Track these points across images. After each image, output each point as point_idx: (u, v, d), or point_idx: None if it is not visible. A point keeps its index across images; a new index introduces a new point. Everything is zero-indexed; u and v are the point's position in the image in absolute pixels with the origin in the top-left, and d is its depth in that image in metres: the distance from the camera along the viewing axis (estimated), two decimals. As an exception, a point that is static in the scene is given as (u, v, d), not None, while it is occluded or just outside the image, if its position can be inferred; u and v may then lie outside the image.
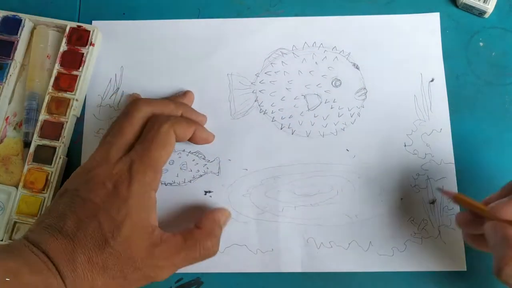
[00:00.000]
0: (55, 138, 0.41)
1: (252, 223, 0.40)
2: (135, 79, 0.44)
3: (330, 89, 0.43)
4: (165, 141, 0.35)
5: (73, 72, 0.42)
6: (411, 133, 0.42)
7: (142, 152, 0.35)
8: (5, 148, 0.42)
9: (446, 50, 0.44)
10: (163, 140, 0.35)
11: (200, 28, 0.45)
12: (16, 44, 0.43)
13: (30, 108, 0.42)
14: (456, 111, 0.42)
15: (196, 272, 0.40)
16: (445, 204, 0.40)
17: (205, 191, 0.41)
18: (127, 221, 0.32)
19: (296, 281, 0.39)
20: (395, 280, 0.39)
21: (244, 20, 0.45)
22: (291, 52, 0.44)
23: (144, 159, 0.34)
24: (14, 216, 0.40)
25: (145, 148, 0.35)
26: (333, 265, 0.39)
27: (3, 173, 0.41)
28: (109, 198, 0.33)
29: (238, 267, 0.40)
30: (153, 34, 0.45)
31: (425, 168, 0.41)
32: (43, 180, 0.40)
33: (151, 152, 0.35)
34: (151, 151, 0.35)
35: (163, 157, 0.35)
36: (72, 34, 0.43)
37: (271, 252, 0.40)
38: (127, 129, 0.36)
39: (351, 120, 0.42)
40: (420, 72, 0.43)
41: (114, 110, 0.43)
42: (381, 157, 0.41)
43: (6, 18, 0.43)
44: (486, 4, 0.43)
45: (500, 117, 0.42)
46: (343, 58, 0.44)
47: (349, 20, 0.45)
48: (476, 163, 0.41)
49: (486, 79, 0.43)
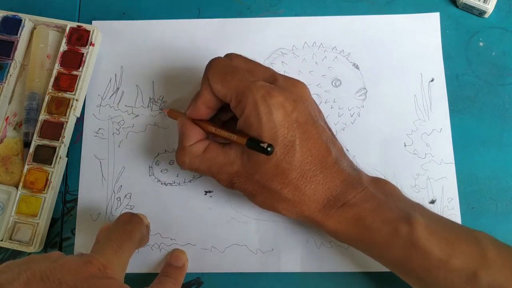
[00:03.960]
0: (55, 138, 0.41)
1: (252, 223, 0.40)
2: (135, 79, 0.44)
3: (330, 89, 0.43)
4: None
5: (73, 72, 0.42)
6: (411, 133, 0.42)
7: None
8: (5, 148, 0.42)
9: (446, 50, 0.44)
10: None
11: (200, 28, 0.45)
12: (16, 44, 0.43)
13: (30, 108, 0.42)
14: (456, 111, 0.42)
15: (196, 272, 0.40)
16: (445, 204, 0.40)
17: (205, 191, 0.41)
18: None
19: (296, 281, 0.39)
20: (395, 280, 0.39)
21: (244, 20, 0.45)
22: (291, 52, 0.44)
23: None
24: (14, 216, 0.40)
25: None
26: (333, 265, 0.39)
27: (3, 173, 0.41)
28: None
29: (238, 267, 0.40)
30: (153, 34, 0.45)
31: (425, 168, 0.41)
32: (43, 180, 0.40)
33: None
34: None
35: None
36: (72, 34, 0.43)
37: (271, 252, 0.40)
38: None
39: (351, 120, 0.42)
40: (420, 72, 0.43)
41: (114, 110, 0.43)
42: (381, 157, 0.41)
43: (6, 18, 0.43)
44: (486, 4, 0.43)
45: (500, 117, 0.42)
46: (343, 58, 0.44)
47: (349, 20, 0.45)
48: (476, 163, 0.41)
49: (486, 79, 0.43)
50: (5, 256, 0.41)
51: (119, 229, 0.34)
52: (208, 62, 0.36)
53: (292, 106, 0.33)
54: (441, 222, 0.34)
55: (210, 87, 0.35)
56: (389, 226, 0.32)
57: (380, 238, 0.33)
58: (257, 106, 0.33)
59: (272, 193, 0.34)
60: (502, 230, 0.40)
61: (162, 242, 0.40)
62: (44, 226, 0.40)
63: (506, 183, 0.41)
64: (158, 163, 0.42)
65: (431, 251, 0.31)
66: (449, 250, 0.31)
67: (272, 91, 0.33)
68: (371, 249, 0.34)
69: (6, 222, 0.39)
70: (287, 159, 0.33)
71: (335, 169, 0.34)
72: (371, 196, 0.34)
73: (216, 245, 0.40)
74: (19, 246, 0.39)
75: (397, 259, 0.33)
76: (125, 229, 0.34)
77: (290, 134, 0.33)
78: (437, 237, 0.32)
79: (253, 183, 0.34)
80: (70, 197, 0.42)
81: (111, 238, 0.33)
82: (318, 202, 0.34)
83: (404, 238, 0.32)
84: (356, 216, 0.33)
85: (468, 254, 0.31)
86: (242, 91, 0.33)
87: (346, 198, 0.34)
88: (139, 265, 0.40)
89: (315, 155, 0.34)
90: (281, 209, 0.35)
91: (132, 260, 0.34)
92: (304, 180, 0.34)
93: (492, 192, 0.41)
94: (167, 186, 0.41)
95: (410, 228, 0.32)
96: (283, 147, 0.33)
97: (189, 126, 0.36)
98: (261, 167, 0.33)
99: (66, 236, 0.41)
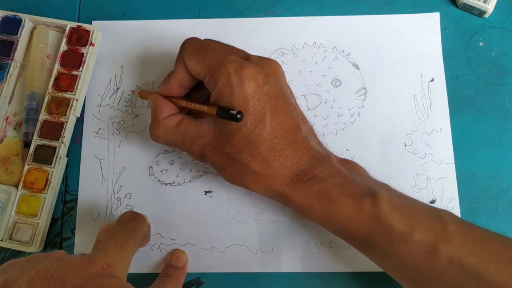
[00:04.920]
0: (55, 138, 0.41)
1: (252, 223, 0.40)
2: (135, 79, 0.44)
3: (330, 89, 0.43)
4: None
5: (73, 72, 0.42)
6: (411, 133, 0.42)
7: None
8: (5, 148, 0.42)
9: (446, 50, 0.44)
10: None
11: (200, 28, 0.45)
12: (16, 44, 0.43)
13: (30, 108, 0.42)
14: (456, 111, 0.42)
15: (196, 272, 0.40)
16: (445, 204, 0.40)
17: (205, 191, 0.41)
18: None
19: (296, 281, 0.39)
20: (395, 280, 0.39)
21: (244, 20, 0.45)
22: (291, 52, 0.44)
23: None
24: (14, 216, 0.40)
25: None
26: (333, 265, 0.39)
27: (3, 173, 0.41)
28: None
29: (238, 267, 0.40)
30: (153, 34, 0.45)
31: (425, 168, 0.41)
32: (43, 180, 0.40)
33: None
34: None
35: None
36: (72, 34, 0.43)
37: (271, 252, 0.40)
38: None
39: (351, 120, 0.42)
40: (420, 72, 0.43)
41: (114, 110, 0.43)
42: (381, 157, 0.41)
43: (6, 18, 0.43)
44: (486, 4, 0.43)
45: (500, 117, 0.42)
46: (343, 58, 0.44)
47: (349, 20, 0.45)
48: (476, 163, 0.41)
49: (486, 79, 0.43)
50: (5, 256, 0.41)
51: (121, 227, 0.34)
52: (183, 42, 0.37)
53: (264, 80, 0.34)
54: (405, 199, 0.34)
55: (185, 65, 0.36)
56: (354, 200, 0.33)
57: (344, 212, 0.33)
58: (229, 78, 0.33)
59: (241, 165, 0.34)
60: (502, 230, 0.39)
61: (162, 242, 0.40)
62: (44, 226, 0.40)
63: (506, 183, 0.41)
64: (158, 163, 0.42)
65: (394, 225, 0.31)
66: (411, 223, 0.31)
67: (244, 64, 0.34)
68: (335, 224, 0.34)
69: (6, 222, 0.39)
70: (257, 131, 0.34)
71: (304, 145, 0.35)
72: (337, 173, 0.35)
73: (216, 245, 0.40)
74: (19, 246, 0.39)
75: (360, 234, 0.33)
76: (128, 227, 0.34)
77: (261, 106, 0.33)
78: (400, 211, 0.32)
79: (223, 155, 0.35)
80: (70, 197, 0.42)
81: (114, 236, 0.33)
82: (286, 176, 0.34)
83: (368, 212, 0.32)
84: (321, 190, 0.34)
85: (429, 228, 0.31)
86: (215, 65, 0.34)
87: (313, 173, 0.34)
88: (139, 265, 0.40)
89: (285, 129, 0.34)
90: (249, 183, 0.35)
91: (132, 260, 0.34)
92: (272, 153, 0.34)
93: (492, 192, 0.41)
94: (167, 186, 0.41)
95: (374, 202, 0.32)
96: (253, 118, 0.33)
97: (162, 101, 0.37)
98: (231, 138, 0.34)
99: (66, 236, 0.41)
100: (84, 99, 0.43)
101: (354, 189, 0.33)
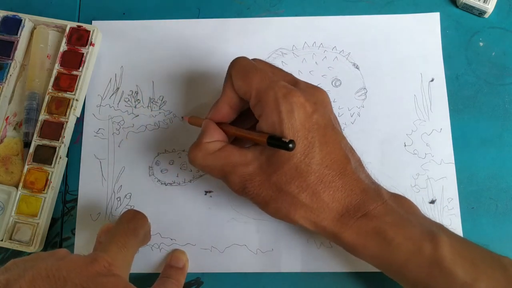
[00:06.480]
0: (55, 138, 0.41)
1: (252, 223, 0.40)
2: (135, 79, 0.44)
3: (330, 89, 0.43)
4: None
5: (73, 72, 0.42)
6: (411, 133, 0.42)
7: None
8: (5, 148, 0.42)
9: (446, 50, 0.44)
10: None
11: (200, 28, 0.45)
12: (16, 44, 0.43)
13: (30, 108, 0.42)
14: (456, 111, 0.42)
15: (196, 272, 0.40)
16: (445, 204, 0.40)
17: (205, 191, 0.41)
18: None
19: (296, 281, 0.39)
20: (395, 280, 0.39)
21: (244, 20, 0.45)
22: (291, 52, 0.44)
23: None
24: (14, 216, 0.40)
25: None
26: (333, 265, 0.39)
27: (3, 173, 0.41)
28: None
29: (238, 267, 0.40)
30: (153, 34, 0.45)
31: (425, 168, 0.41)
32: (43, 180, 0.40)
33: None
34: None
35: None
36: (72, 34, 0.43)
37: (271, 252, 0.40)
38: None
39: (351, 120, 0.42)
40: (420, 72, 0.43)
41: (114, 110, 0.43)
42: (381, 157, 0.41)
43: (6, 18, 0.43)
44: (486, 4, 0.43)
45: (500, 117, 0.42)
46: (343, 58, 0.44)
47: (349, 20, 0.45)
48: (476, 163, 0.41)
49: (486, 79, 0.43)
50: (5, 256, 0.41)
51: (123, 226, 0.34)
52: (232, 61, 0.35)
53: (313, 108, 0.33)
54: (465, 243, 0.33)
55: (232, 84, 0.35)
56: (412, 242, 0.31)
57: (402, 255, 0.31)
58: (278, 104, 0.32)
59: (289, 198, 0.33)
60: (502, 230, 0.40)
61: (162, 242, 0.40)
62: (44, 226, 0.40)
63: (506, 183, 0.41)
64: (158, 163, 0.42)
65: (456, 273, 0.30)
66: (474, 273, 0.30)
67: (293, 91, 0.33)
68: (390, 265, 0.33)
69: (6, 222, 0.39)
70: (306, 161, 0.32)
71: (354, 177, 0.33)
72: (392, 210, 0.33)
73: (216, 245, 0.40)
74: (19, 246, 0.39)
75: (419, 279, 0.31)
76: (129, 226, 0.34)
77: (310, 136, 0.32)
78: (462, 258, 0.31)
79: (268, 186, 0.33)
80: (70, 197, 0.42)
81: (115, 235, 0.33)
82: (337, 211, 0.33)
83: (428, 257, 0.31)
84: (376, 229, 0.32)
85: (494, 279, 0.30)
86: (263, 89, 0.33)
87: (366, 209, 0.33)
88: (139, 265, 0.40)
89: (334, 160, 0.33)
90: (297, 217, 0.33)
91: (133, 258, 0.34)
92: (322, 185, 0.33)
93: (492, 192, 0.41)
94: (167, 186, 0.41)
95: (434, 247, 0.31)
96: (303, 148, 0.32)
97: (213, 126, 0.35)
98: (280, 168, 0.32)
99: (66, 236, 0.41)
100: (84, 99, 0.43)
101: (412, 229, 0.32)
